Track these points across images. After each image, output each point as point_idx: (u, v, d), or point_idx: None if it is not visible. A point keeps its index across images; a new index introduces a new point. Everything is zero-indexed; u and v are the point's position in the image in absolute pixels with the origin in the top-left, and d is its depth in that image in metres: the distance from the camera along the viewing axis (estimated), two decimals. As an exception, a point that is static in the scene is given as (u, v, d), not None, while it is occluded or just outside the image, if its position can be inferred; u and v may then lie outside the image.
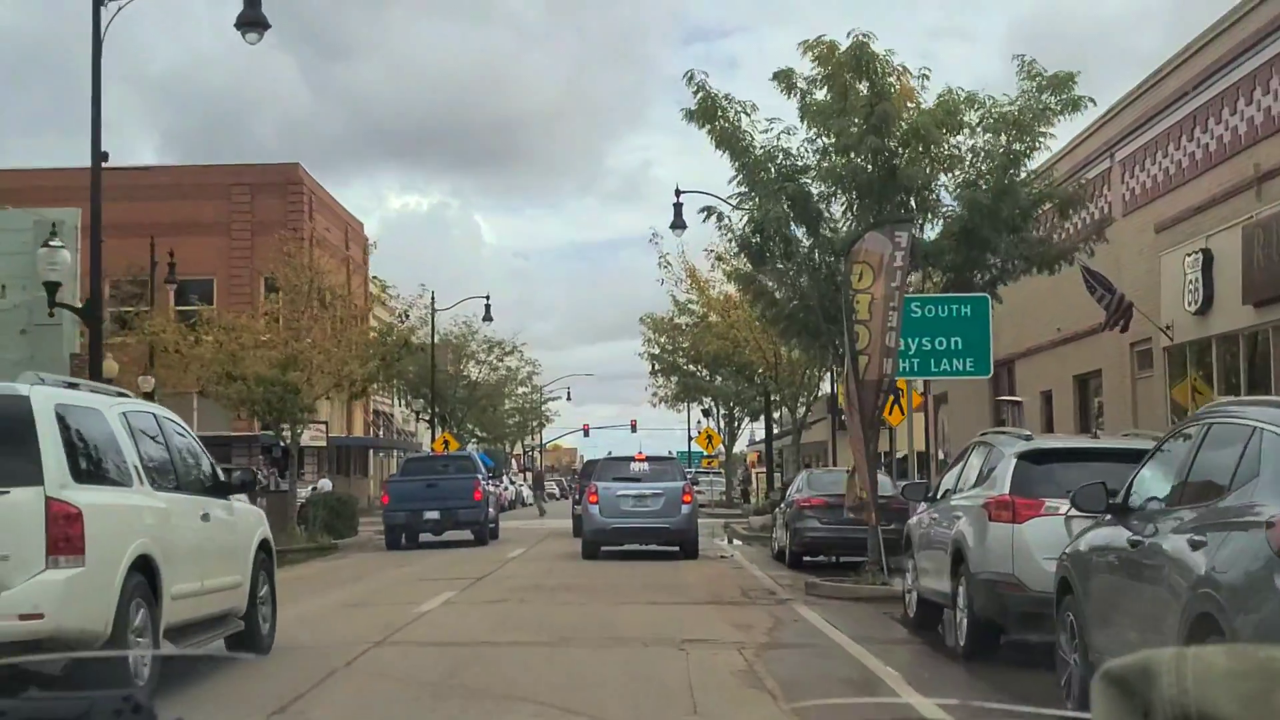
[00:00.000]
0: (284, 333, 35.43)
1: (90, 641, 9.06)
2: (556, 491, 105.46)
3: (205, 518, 11.50)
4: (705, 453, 59.14)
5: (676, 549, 26.58)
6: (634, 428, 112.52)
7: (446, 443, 58.35)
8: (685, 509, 26.35)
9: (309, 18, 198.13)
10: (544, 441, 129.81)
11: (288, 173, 58.31)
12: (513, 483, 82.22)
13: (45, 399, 9.44)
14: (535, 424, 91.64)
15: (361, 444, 67.80)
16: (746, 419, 66.27)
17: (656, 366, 64.50)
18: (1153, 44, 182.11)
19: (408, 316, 39.49)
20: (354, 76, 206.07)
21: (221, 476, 12.41)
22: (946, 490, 13.99)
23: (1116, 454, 11.29)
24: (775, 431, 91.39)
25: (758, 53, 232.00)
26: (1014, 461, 11.85)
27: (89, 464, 9.77)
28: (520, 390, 75.71)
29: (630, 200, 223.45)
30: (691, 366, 64.16)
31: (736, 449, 70.93)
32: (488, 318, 60.86)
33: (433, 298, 61.01)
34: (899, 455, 65.06)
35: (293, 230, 54.00)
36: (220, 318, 36.35)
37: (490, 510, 34.48)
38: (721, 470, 67.86)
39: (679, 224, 38.48)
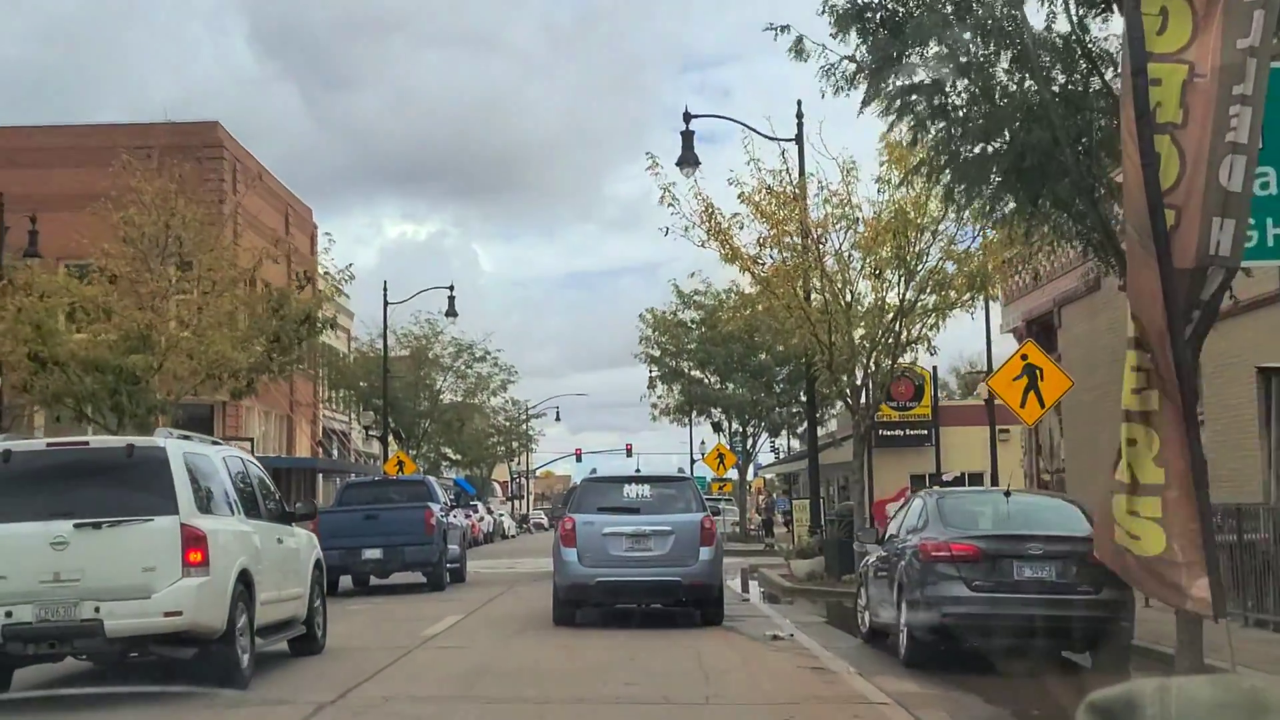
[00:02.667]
0: (123, 299, 24.73)
1: (212, 634, 11.62)
2: (545, 522, 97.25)
3: (279, 540, 13.95)
4: (716, 475, 48.18)
5: (687, 607, 18.69)
6: (629, 451, 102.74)
7: (401, 464, 47.58)
8: (705, 554, 17.99)
9: (311, 48, 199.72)
10: (534, 467, 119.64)
11: (203, 134, 47.37)
12: (490, 512, 71.34)
13: (176, 448, 12.10)
14: (516, 444, 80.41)
15: (305, 466, 56.56)
16: (765, 434, 55.41)
17: (655, 372, 53.82)
18: None
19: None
20: (356, 106, 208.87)
21: (287, 507, 15.16)
22: None
23: None
24: (793, 451, 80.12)
25: (750, 80, 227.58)
26: None
27: (205, 498, 12.22)
28: (494, 402, 64.44)
29: (629, 228, 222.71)
30: (698, 372, 53.48)
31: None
32: (451, 312, 50.06)
33: (385, 289, 50.28)
34: (946, 477, 54.42)
35: (217, 203, 43.55)
36: (34, 276, 25.44)
37: (452, 547, 28.25)
38: (733, 497, 56.88)
39: (688, 159, 28.00)
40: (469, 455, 72.03)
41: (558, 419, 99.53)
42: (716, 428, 53.36)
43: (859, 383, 25.75)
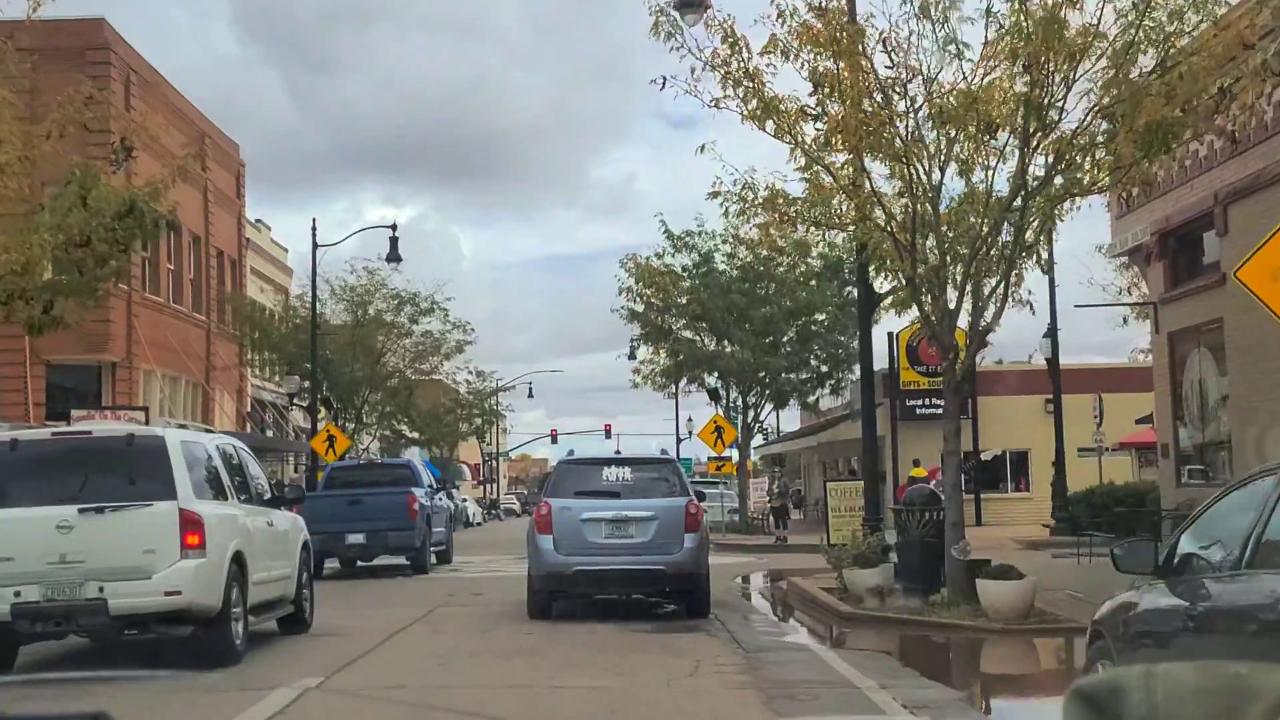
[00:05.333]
0: None
1: (208, 613, 12.45)
2: (517, 507, 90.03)
3: (269, 523, 14.71)
4: (714, 453, 39.62)
5: (671, 600, 17.95)
6: (608, 432, 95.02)
7: (332, 439, 39.17)
8: (690, 541, 17.07)
9: (295, 32, 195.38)
10: (508, 449, 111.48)
11: (86, 33, 38.29)
12: (451, 496, 62.64)
13: (174, 437, 13.17)
14: (481, 421, 71.61)
15: (225, 443, 47.73)
16: (770, 405, 46.75)
17: (639, 333, 45.22)
18: None
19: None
20: (338, 91, 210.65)
21: (275, 492, 15.92)
22: None
23: None
24: (784, 431, 71.45)
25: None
26: None
27: (201, 484, 13.11)
28: (448, 367, 55.48)
29: (613, 213, 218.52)
30: (689, 332, 44.88)
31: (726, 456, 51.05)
32: (394, 256, 41.33)
33: (314, 227, 41.50)
34: (984, 455, 45.70)
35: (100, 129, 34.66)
36: None
37: (438, 530, 29.64)
38: (731, 481, 48.26)
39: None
40: (426, 432, 63.18)
41: (530, 395, 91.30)
42: (714, 395, 44.67)
43: (953, 307, 17.08)
